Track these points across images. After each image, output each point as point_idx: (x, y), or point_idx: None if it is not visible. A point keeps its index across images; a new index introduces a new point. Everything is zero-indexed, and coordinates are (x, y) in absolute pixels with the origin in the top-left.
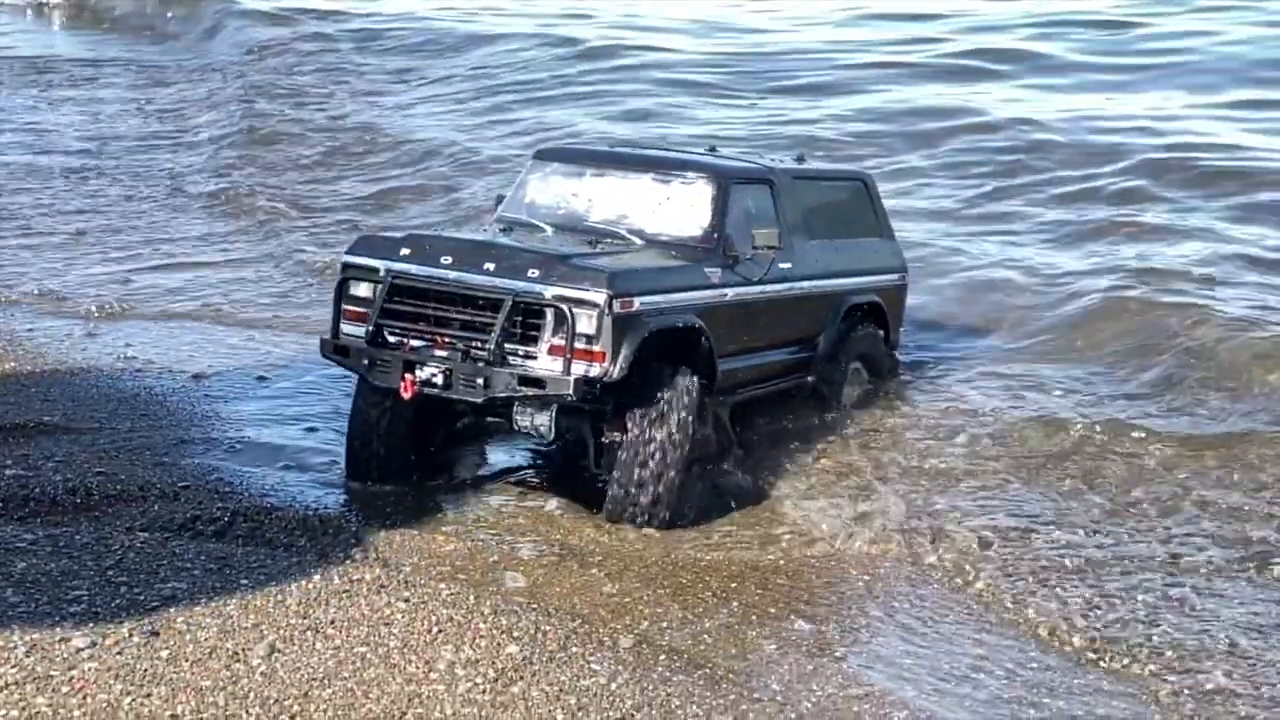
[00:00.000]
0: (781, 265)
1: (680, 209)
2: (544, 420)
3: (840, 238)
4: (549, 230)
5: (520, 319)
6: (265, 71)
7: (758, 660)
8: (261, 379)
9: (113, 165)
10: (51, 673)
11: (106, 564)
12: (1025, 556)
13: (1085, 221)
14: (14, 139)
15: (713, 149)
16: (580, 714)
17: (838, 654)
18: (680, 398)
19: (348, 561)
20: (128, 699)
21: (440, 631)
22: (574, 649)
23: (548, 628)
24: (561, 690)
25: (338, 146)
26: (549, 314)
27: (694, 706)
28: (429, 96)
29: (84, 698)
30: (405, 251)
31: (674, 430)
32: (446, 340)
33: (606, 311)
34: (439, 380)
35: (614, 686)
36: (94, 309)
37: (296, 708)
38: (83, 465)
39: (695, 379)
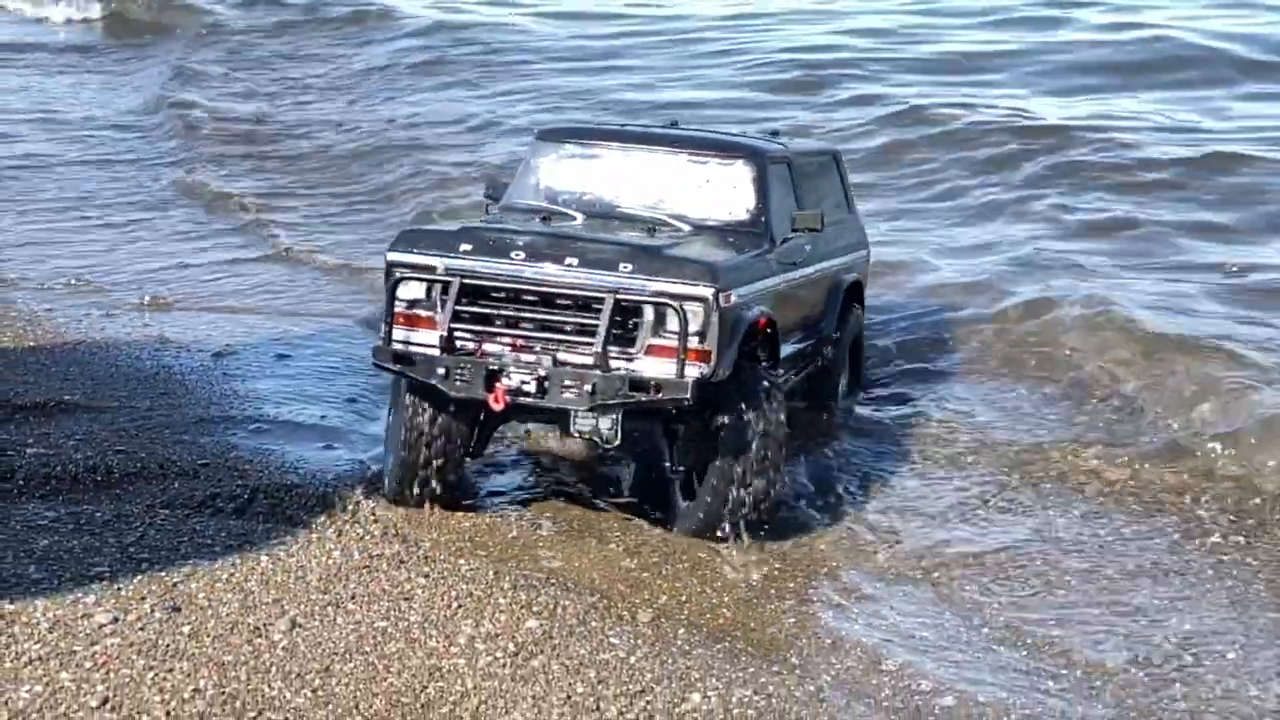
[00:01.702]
0: (806, 247)
1: (722, 191)
2: (608, 423)
3: (830, 215)
4: (580, 218)
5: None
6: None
7: (777, 633)
8: (281, 358)
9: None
10: (75, 648)
11: (128, 541)
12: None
13: None
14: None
15: (674, 124)
16: (600, 687)
17: (858, 628)
18: (774, 390)
19: (367, 538)
20: (150, 674)
21: (460, 606)
22: (593, 623)
23: (567, 602)
24: (581, 664)
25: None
26: (648, 311)
27: (713, 679)
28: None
29: (107, 673)
30: (466, 247)
31: (772, 424)
32: (526, 344)
33: (715, 307)
34: (531, 388)
35: (633, 660)
36: (145, 298)
37: (318, 682)
38: (103, 443)
39: (777, 370)
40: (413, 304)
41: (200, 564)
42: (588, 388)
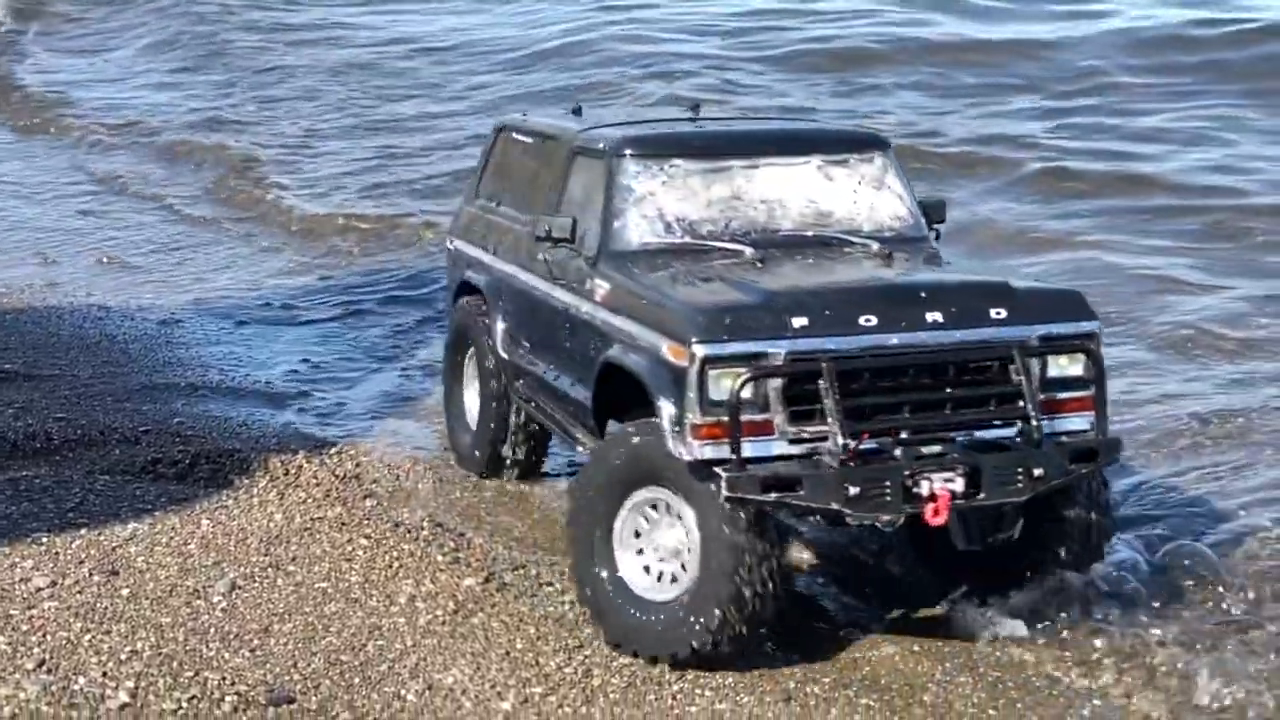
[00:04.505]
0: None
1: (874, 193)
2: (1011, 518)
3: None
4: (748, 251)
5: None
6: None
7: None
8: (227, 324)
9: None
10: (11, 612)
11: (66, 506)
12: None
13: None
14: None
15: (696, 106)
16: (539, 643)
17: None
18: None
19: (309, 501)
20: (87, 636)
21: (401, 567)
22: (533, 582)
23: (507, 561)
24: (521, 620)
25: None
26: (1033, 364)
27: None
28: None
29: (44, 635)
30: (800, 322)
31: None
32: (907, 429)
33: (1095, 348)
34: (957, 486)
35: (572, 616)
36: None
37: (256, 642)
38: (43, 411)
39: None
40: (733, 406)
41: (140, 528)
42: (1037, 471)
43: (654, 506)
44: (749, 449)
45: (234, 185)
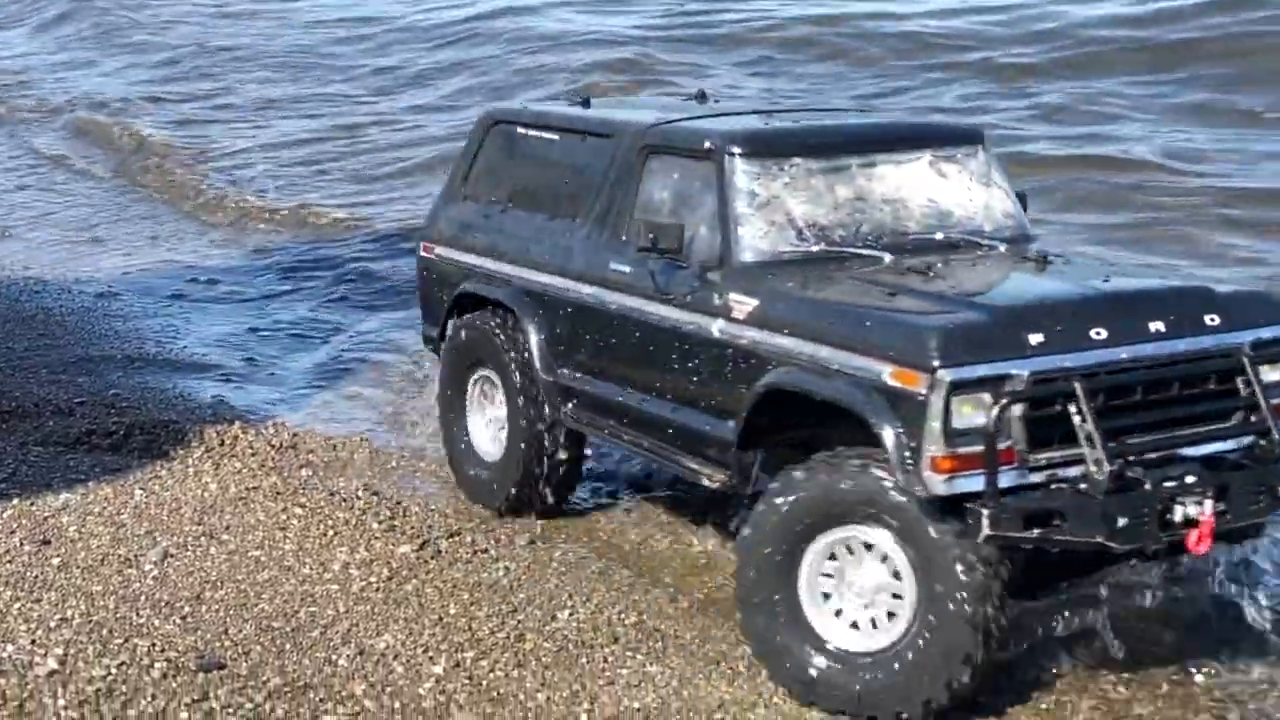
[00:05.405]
0: None
1: (985, 191)
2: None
3: None
4: (887, 257)
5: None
6: None
7: (650, 553)
8: (165, 297)
9: None
10: None
11: None
12: None
13: None
14: None
15: (701, 94)
16: (473, 608)
17: (728, 546)
18: None
19: (244, 471)
20: (17, 605)
21: (336, 534)
22: (469, 549)
23: (443, 529)
24: (455, 586)
25: None
26: (1254, 371)
27: (585, 598)
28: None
29: None
30: (1038, 339)
31: None
32: (1146, 450)
33: None
34: (1206, 509)
35: (506, 582)
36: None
37: (188, 609)
38: None
39: None
40: (990, 434)
41: (72, 499)
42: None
43: (833, 554)
44: (985, 481)
45: (158, 164)
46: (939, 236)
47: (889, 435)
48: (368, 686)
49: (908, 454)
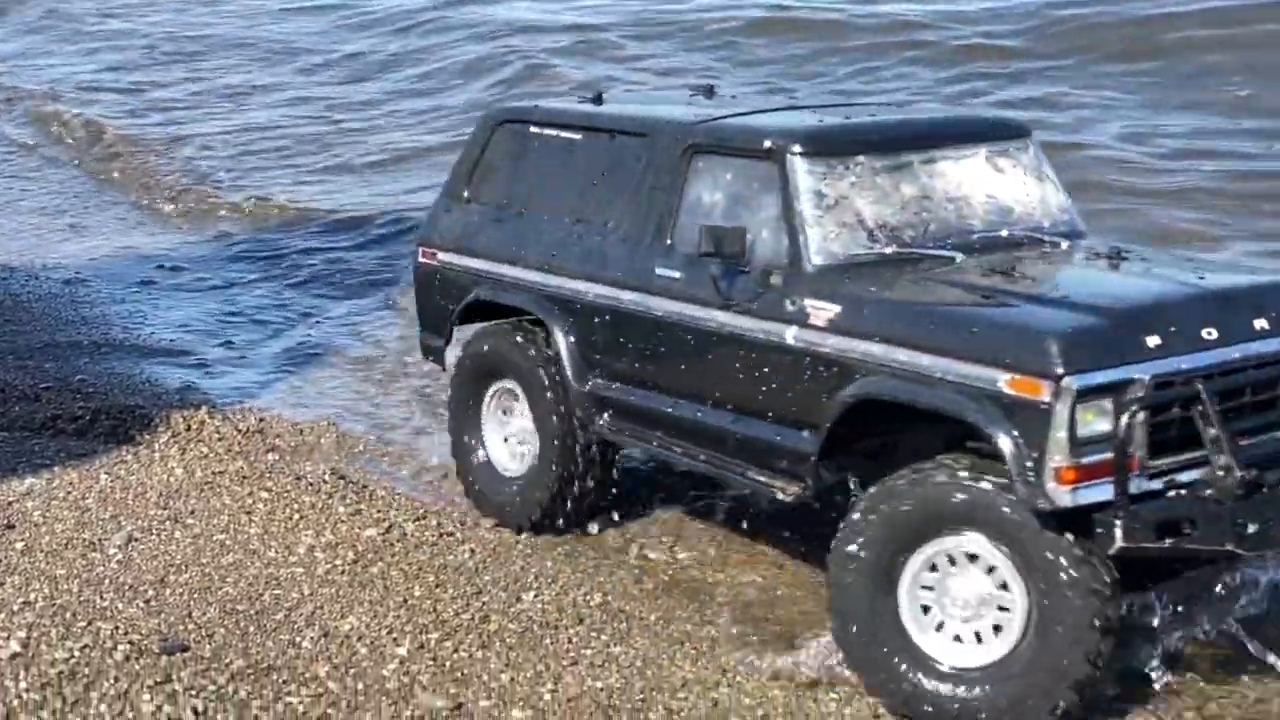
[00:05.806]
0: None
1: (1039, 186)
2: None
3: None
4: (959, 257)
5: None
6: None
7: (611, 536)
8: (132, 284)
9: None
10: None
11: None
12: None
13: None
14: None
15: (710, 88)
16: (438, 590)
17: (686, 536)
18: None
19: (210, 456)
20: None
21: (301, 518)
22: (434, 531)
23: (409, 512)
24: (420, 569)
25: None
26: None
27: (550, 580)
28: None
29: None
30: (1154, 341)
31: None
32: (1260, 451)
33: None
34: None
35: (472, 564)
36: None
37: (151, 593)
38: None
39: None
40: (1121, 442)
41: (37, 483)
42: None
43: (934, 565)
44: (1115, 490)
45: (127, 153)
46: (1004, 234)
47: (1007, 445)
48: (332, 668)
49: (1029, 464)
